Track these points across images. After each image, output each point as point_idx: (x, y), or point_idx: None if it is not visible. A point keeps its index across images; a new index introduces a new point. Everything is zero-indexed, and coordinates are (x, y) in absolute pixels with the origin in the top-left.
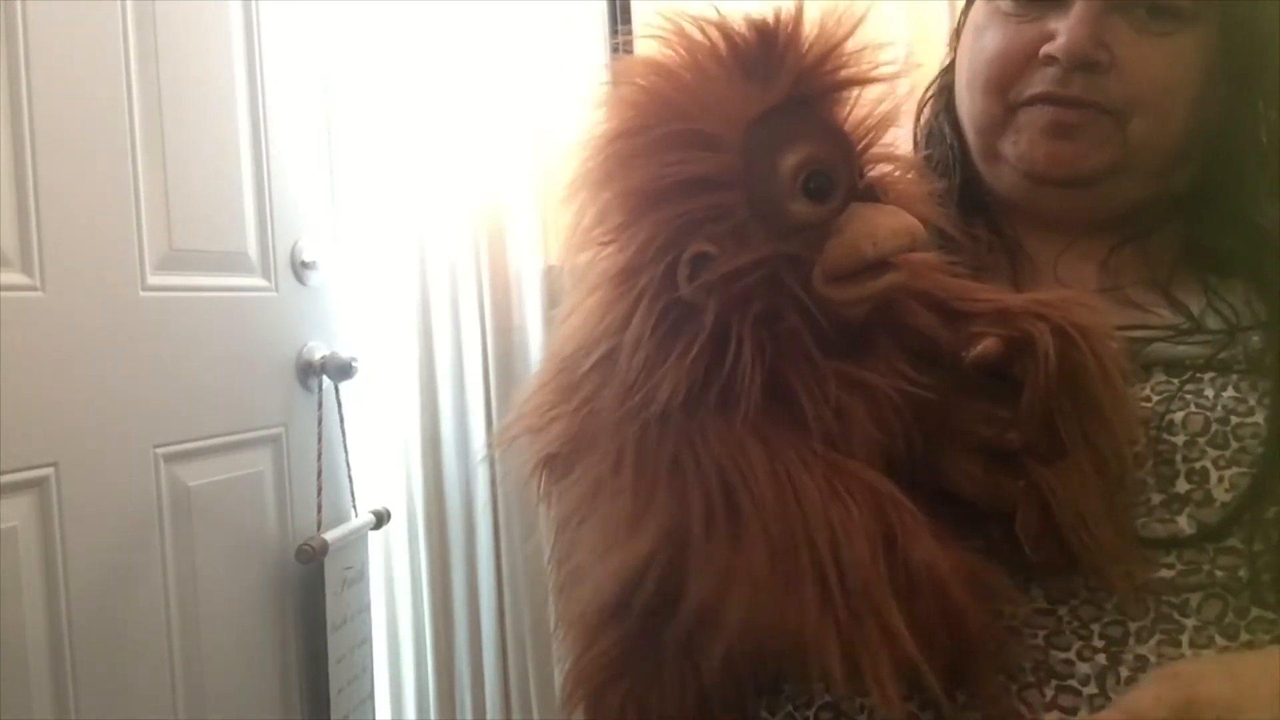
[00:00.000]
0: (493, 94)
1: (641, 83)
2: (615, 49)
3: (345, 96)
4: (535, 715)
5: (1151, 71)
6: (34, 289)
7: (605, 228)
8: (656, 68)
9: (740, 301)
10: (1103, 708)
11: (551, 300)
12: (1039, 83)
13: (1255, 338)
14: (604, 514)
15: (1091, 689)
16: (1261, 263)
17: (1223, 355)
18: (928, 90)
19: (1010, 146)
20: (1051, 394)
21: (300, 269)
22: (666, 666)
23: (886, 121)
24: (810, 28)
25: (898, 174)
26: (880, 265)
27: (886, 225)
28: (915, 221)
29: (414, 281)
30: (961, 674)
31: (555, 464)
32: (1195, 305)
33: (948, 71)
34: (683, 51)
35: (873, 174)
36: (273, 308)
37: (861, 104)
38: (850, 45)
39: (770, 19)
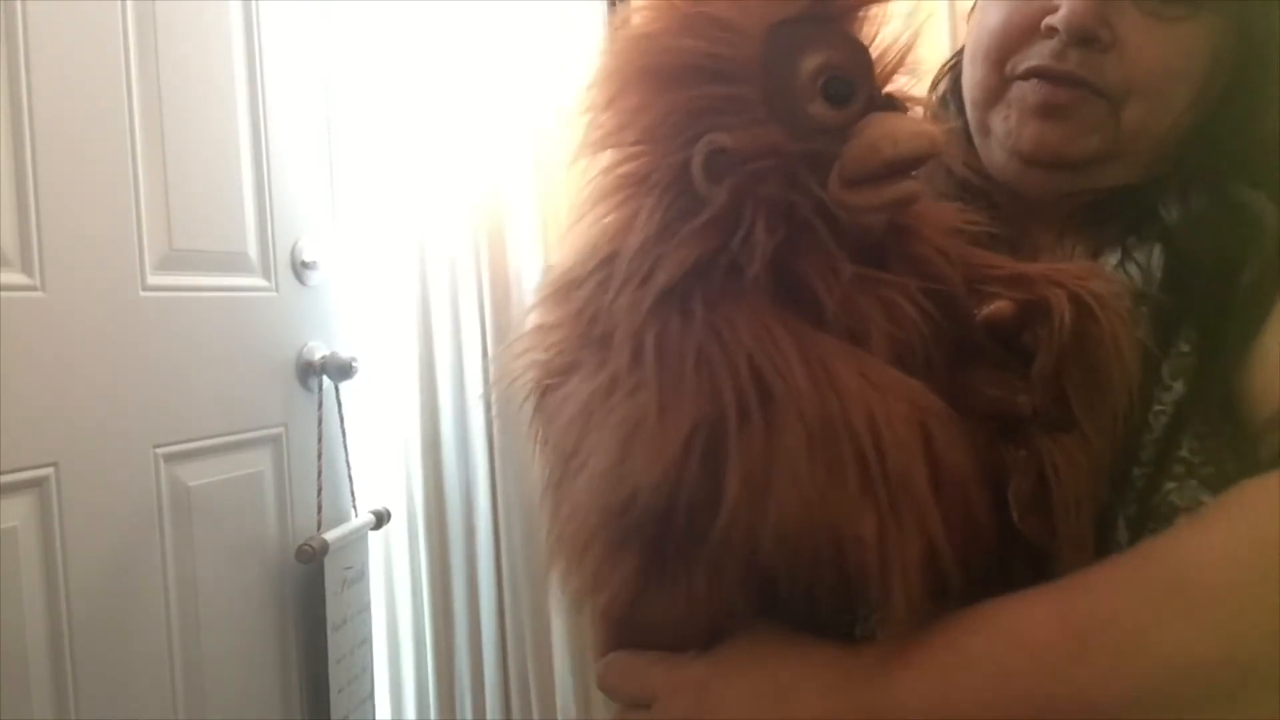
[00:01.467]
0: (493, 94)
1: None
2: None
3: (345, 96)
4: (535, 715)
5: (1153, 57)
6: (34, 289)
7: (620, 113)
8: None
9: (753, 183)
10: None
11: None
12: (1036, 55)
13: (1143, 309)
14: (623, 412)
15: None
16: (1180, 230)
17: None
18: (941, 70)
19: (1000, 122)
20: (1064, 361)
21: (300, 269)
22: (678, 587)
23: (904, 51)
24: None
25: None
26: (898, 173)
27: (907, 129)
28: (935, 130)
29: (414, 281)
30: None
31: (552, 374)
32: (1110, 265)
33: (959, 54)
34: None
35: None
36: (273, 308)
37: (881, 34)
38: None
39: None
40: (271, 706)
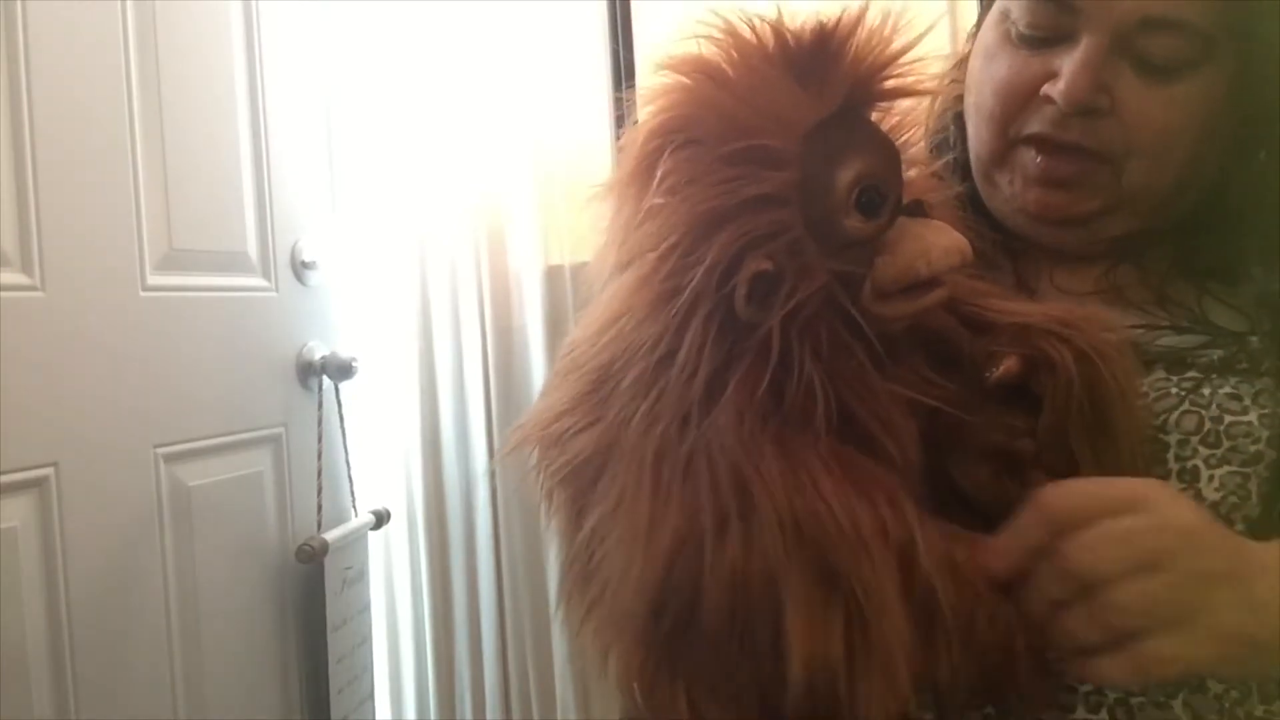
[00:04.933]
0: (493, 94)
1: (692, 82)
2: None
3: (345, 96)
4: (535, 715)
5: (1152, 118)
6: (34, 289)
7: (667, 243)
8: (707, 68)
9: (803, 328)
10: (1099, 705)
11: (552, 301)
12: (1037, 122)
13: (1254, 340)
14: (626, 525)
15: (1086, 687)
16: (1268, 274)
17: (1224, 355)
18: (938, 98)
19: (1006, 184)
20: (1071, 416)
21: (300, 269)
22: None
23: (917, 128)
24: (862, 35)
25: (919, 177)
26: (929, 282)
27: (939, 244)
28: (963, 239)
29: (414, 281)
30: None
31: (583, 473)
32: (1193, 310)
33: (959, 74)
34: (733, 52)
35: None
36: (273, 308)
37: (894, 111)
38: (904, 56)
39: (827, 25)
40: (271, 706)
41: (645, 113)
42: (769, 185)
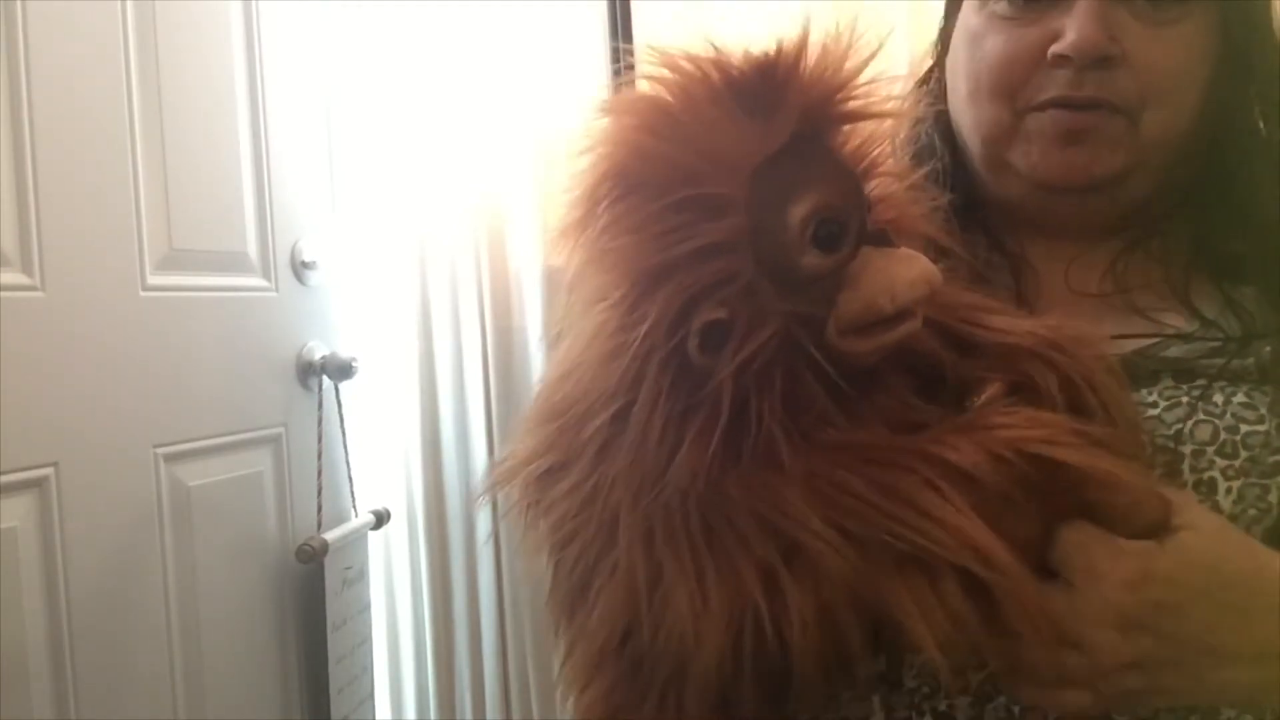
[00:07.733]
0: (493, 94)
1: (637, 122)
2: (617, 71)
3: (345, 96)
4: (535, 715)
5: (1161, 62)
6: (34, 289)
7: (612, 298)
8: (648, 110)
9: (758, 376)
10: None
11: (552, 301)
12: (1051, 86)
13: (1267, 347)
14: (662, 608)
15: None
16: (1272, 267)
17: (1234, 364)
18: (915, 104)
19: (1021, 157)
20: None
21: (300, 269)
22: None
23: (886, 142)
24: (813, 59)
25: (895, 189)
26: (897, 316)
27: (904, 277)
28: (931, 267)
29: (414, 281)
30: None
31: (562, 522)
32: (1210, 311)
33: (933, 84)
34: (678, 90)
35: (873, 192)
36: (273, 308)
37: (859, 130)
38: (858, 77)
39: (771, 53)
40: (271, 706)
41: (586, 158)
42: (714, 234)
